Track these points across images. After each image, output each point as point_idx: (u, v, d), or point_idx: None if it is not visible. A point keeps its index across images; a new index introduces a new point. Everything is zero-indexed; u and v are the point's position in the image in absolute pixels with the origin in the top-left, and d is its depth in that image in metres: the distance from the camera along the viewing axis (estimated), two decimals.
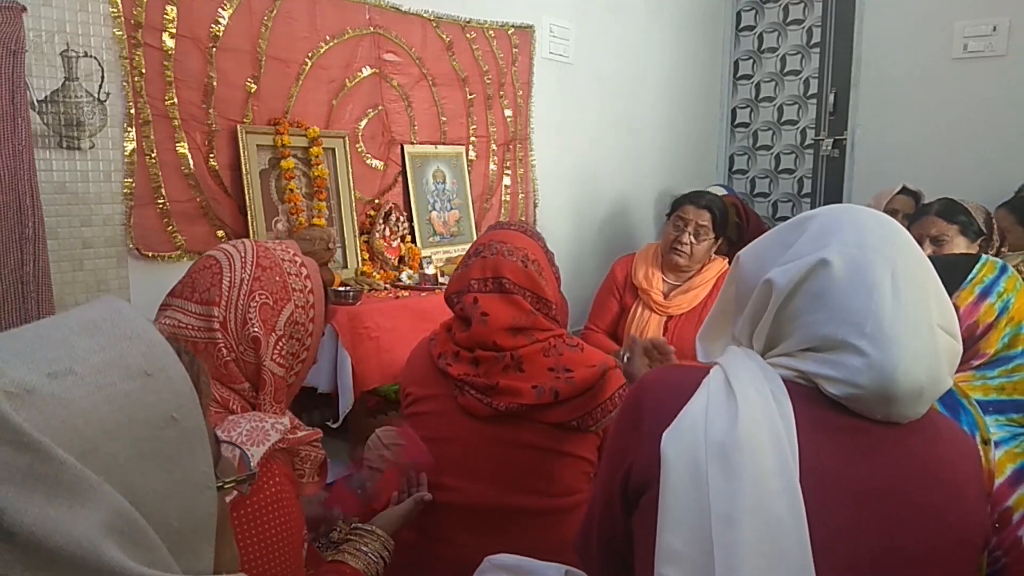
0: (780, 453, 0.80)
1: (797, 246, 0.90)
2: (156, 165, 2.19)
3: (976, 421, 1.21)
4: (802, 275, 0.86)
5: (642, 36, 3.96)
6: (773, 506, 0.78)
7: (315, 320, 1.13)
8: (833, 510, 0.81)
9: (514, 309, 1.42)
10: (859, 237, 0.86)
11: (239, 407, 1.04)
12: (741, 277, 0.99)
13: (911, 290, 0.84)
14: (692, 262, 2.65)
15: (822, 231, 0.89)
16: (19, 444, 0.40)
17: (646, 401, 0.93)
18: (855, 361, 0.82)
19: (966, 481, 0.88)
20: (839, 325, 0.83)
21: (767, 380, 0.86)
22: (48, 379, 0.44)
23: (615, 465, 0.96)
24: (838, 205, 0.95)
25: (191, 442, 0.50)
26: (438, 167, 3.04)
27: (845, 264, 0.84)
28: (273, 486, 0.97)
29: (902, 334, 0.82)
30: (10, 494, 0.39)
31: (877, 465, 0.84)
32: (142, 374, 0.48)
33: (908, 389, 0.82)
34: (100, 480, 0.42)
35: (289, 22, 2.49)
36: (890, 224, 0.90)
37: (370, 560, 1.18)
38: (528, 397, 1.38)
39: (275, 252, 1.12)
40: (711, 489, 0.79)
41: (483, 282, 1.45)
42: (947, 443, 0.88)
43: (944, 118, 3.85)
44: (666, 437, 0.84)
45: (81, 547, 0.39)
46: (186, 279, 1.08)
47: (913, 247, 0.89)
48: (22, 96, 1.80)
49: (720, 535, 0.77)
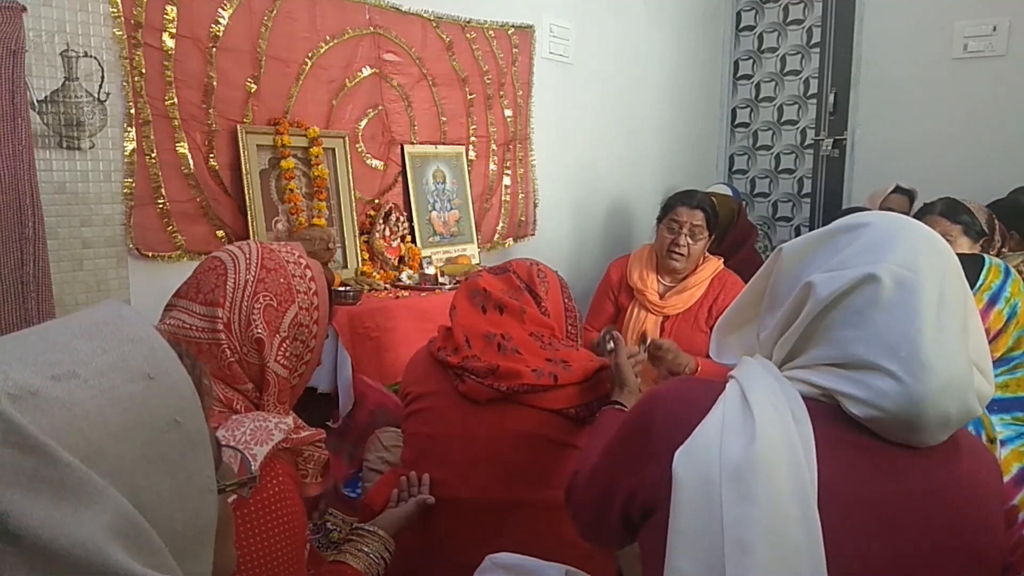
0: (798, 476, 0.77)
1: (846, 253, 0.85)
2: (156, 165, 2.19)
3: (982, 420, 1.22)
4: (847, 287, 0.82)
5: (642, 36, 3.96)
6: (789, 532, 0.75)
7: (319, 322, 1.13)
8: (849, 531, 0.78)
9: (505, 283, 1.57)
10: (912, 258, 0.82)
11: (243, 407, 1.04)
12: (780, 273, 0.94)
13: (953, 321, 0.81)
14: (689, 263, 2.65)
15: (875, 244, 0.84)
16: (24, 447, 0.40)
17: (657, 415, 0.90)
18: (883, 384, 0.79)
19: (986, 505, 0.84)
20: (874, 346, 0.80)
21: (786, 397, 0.83)
22: (52, 382, 0.44)
23: (616, 478, 0.95)
24: (896, 217, 0.89)
25: (194, 445, 0.50)
26: (438, 167, 3.04)
27: (894, 284, 0.80)
28: (276, 486, 0.97)
29: (938, 364, 0.78)
30: (16, 496, 0.39)
31: (895, 487, 0.81)
32: (145, 377, 0.48)
33: (934, 419, 0.79)
34: (105, 483, 0.42)
35: (289, 22, 2.48)
36: (944, 251, 0.86)
37: (371, 561, 1.18)
38: (528, 378, 1.40)
39: (280, 254, 1.12)
40: (725, 512, 0.76)
41: (492, 268, 1.64)
42: (968, 465, 0.85)
43: (944, 118, 3.86)
44: (679, 456, 0.81)
45: (86, 550, 0.39)
46: (191, 280, 1.09)
47: (960, 276, 0.85)
48: (22, 96, 1.80)
49: (733, 561, 0.75)
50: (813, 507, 0.76)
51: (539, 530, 1.40)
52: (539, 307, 1.52)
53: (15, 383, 0.42)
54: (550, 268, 1.63)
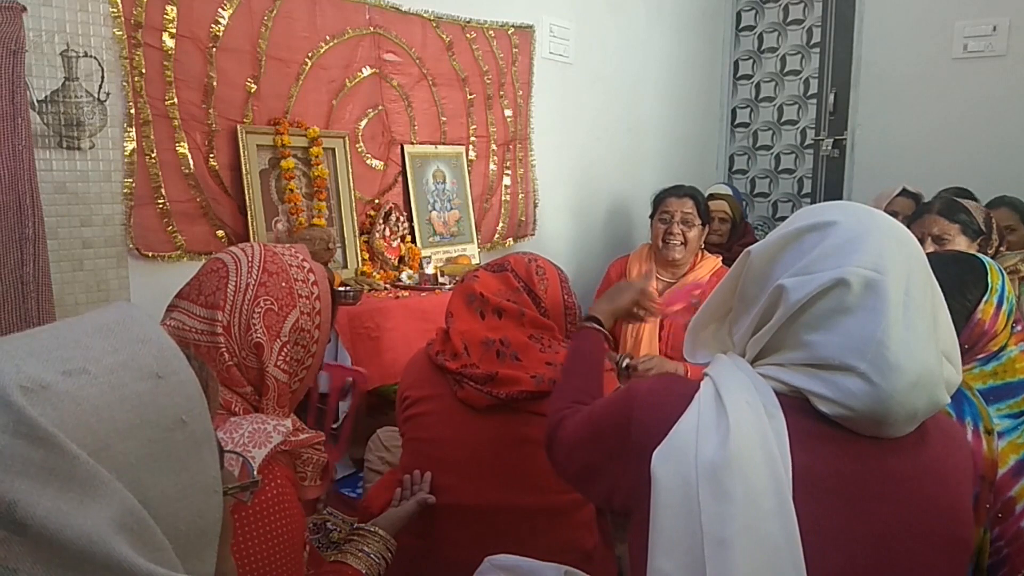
0: (773, 470, 0.79)
1: (814, 255, 0.86)
2: (156, 165, 2.19)
3: (980, 412, 1.22)
4: (818, 292, 0.83)
5: (642, 36, 3.96)
6: (766, 526, 0.77)
7: (321, 327, 1.12)
8: (825, 517, 0.80)
9: (503, 283, 1.53)
10: (879, 258, 0.83)
11: (241, 409, 1.04)
12: (749, 275, 0.96)
13: (921, 318, 0.83)
14: (687, 252, 2.67)
15: (843, 245, 0.85)
16: (34, 438, 0.40)
17: (635, 414, 0.92)
18: (852, 384, 0.81)
19: (956, 488, 0.87)
20: (843, 349, 0.82)
21: (759, 393, 0.85)
22: (63, 377, 0.44)
23: (595, 465, 0.97)
24: (859, 210, 0.90)
25: (199, 445, 0.50)
26: (438, 167, 3.04)
27: (862, 287, 0.82)
28: (275, 488, 0.97)
29: (905, 363, 0.80)
30: (24, 486, 0.39)
31: (867, 475, 0.83)
32: (153, 376, 0.49)
33: (902, 415, 0.81)
34: (111, 477, 0.43)
35: (289, 22, 2.48)
36: (910, 245, 0.87)
37: (372, 561, 1.18)
38: (527, 384, 1.40)
39: (283, 257, 1.11)
40: (703, 511, 0.78)
41: (488, 265, 1.60)
42: (937, 450, 0.87)
43: (944, 118, 3.86)
44: (656, 457, 0.83)
45: (91, 541, 0.40)
46: (193, 281, 1.09)
47: (926, 270, 0.87)
48: (22, 96, 1.80)
49: (713, 558, 0.77)
50: (789, 500, 0.78)
51: (540, 535, 1.39)
52: (538, 307, 1.51)
53: (27, 376, 0.43)
54: (549, 262, 1.61)
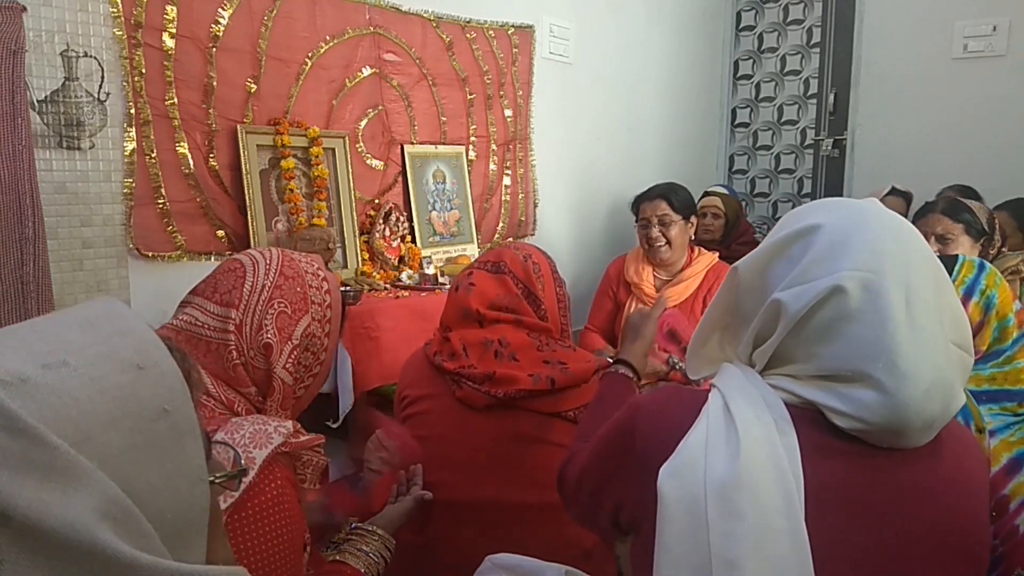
0: (784, 489, 0.76)
1: (805, 264, 0.83)
2: (156, 165, 2.19)
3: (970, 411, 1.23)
4: (815, 302, 0.80)
5: (642, 36, 3.96)
6: (776, 547, 0.74)
7: (331, 335, 1.14)
8: (838, 535, 0.78)
9: (501, 288, 1.49)
10: (871, 257, 0.80)
11: (244, 410, 1.04)
12: (741, 291, 0.93)
13: (926, 313, 0.79)
14: (674, 251, 2.70)
15: (832, 248, 0.82)
16: (13, 430, 0.41)
17: (640, 428, 0.89)
18: (865, 396, 0.78)
19: (971, 499, 0.84)
20: (852, 359, 0.79)
21: (769, 408, 0.81)
22: (42, 370, 0.44)
23: (603, 486, 0.95)
24: (844, 207, 0.87)
25: (183, 435, 0.50)
26: (438, 167, 3.04)
27: (860, 292, 0.79)
28: (274, 489, 0.97)
29: (917, 369, 0.77)
30: (4, 477, 0.40)
31: (881, 488, 0.80)
32: (135, 368, 0.49)
33: (919, 424, 0.78)
34: (94, 467, 0.43)
35: (289, 22, 2.49)
36: (904, 236, 0.83)
37: (371, 560, 1.18)
38: (525, 383, 1.39)
39: (300, 264, 1.13)
40: (711, 530, 0.75)
41: (483, 264, 1.55)
42: (952, 460, 0.84)
43: (944, 118, 3.85)
44: (663, 474, 0.80)
45: (75, 529, 0.40)
46: (209, 279, 1.10)
47: (928, 258, 0.83)
48: (22, 96, 1.81)
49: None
50: (800, 520, 0.75)
51: (539, 532, 1.39)
52: (538, 310, 1.51)
53: (6, 370, 0.43)
54: (540, 252, 1.59)
